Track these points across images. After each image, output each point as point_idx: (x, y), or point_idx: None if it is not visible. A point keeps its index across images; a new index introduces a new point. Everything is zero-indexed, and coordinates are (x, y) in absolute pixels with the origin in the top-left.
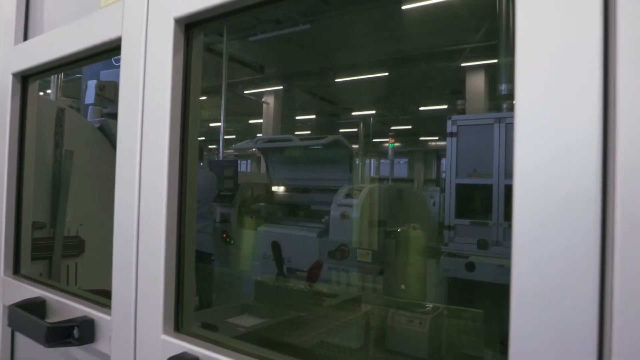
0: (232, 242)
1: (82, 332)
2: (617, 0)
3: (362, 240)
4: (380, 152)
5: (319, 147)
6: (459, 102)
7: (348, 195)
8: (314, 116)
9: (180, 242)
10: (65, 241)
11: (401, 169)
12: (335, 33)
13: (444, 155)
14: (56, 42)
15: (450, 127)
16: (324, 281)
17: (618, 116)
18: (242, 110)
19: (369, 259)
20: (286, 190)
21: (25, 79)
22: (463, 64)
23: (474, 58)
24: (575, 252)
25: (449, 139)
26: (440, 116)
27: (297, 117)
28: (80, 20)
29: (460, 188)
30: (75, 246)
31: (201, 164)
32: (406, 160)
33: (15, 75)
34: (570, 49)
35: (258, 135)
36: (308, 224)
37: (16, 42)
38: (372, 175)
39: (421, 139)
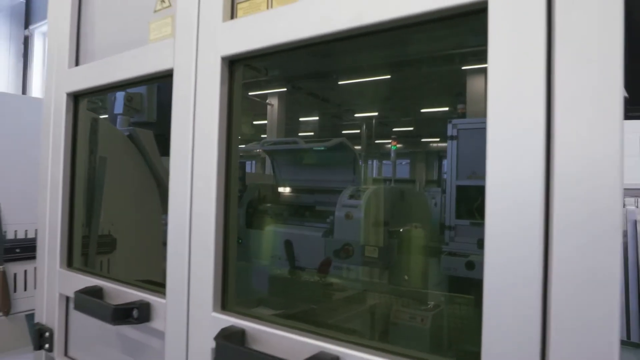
0: (240, 241)
1: (140, 312)
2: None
3: (369, 238)
4: (382, 153)
5: (324, 149)
6: (460, 106)
7: (352, 196)
8: (317, 118)
9: (226, 236)
10: (99, 239)
11: (403, 169)
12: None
13: (445, 157)
14: (110, 68)
15: (450, 131)
16: (333, 276)
17: (556, 145)
18: (247, 112)
19: (376, 254)
20: (292, 191)
21: (77, 98)
22: (464, 67)
23: (474, 61)
24: (523, 243)
25: (449, 142)
26: (442, 118)
27: (301, 119)
28: (132, 51)
29: (460, 190)
30: (108, 244)
31: None
32: (408, 161)
33: (69, 94)
34: (523, 95)
35: (262, 136)
36: (313, 224)
37: (69, 66)
38: (374, 176)
39: (423, 140)
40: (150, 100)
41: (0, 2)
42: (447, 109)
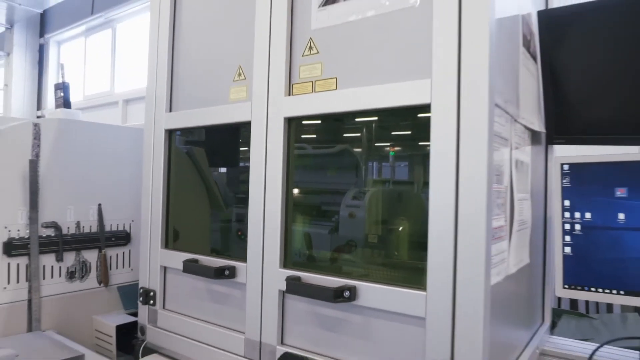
0: (243, 237)
1: (230, 272)
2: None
3: (370, 230)
4: (381, 156)
5: (329, 154)
6: None
7: (355, 197)
8: (319, 121)
9: (287, 221)
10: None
11: (402, 171)
12: None
13: None
14: (202, 115)
15: None
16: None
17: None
18: None
19: (376, 240)
20: (299, 193)
21: (171, 132)
22: None
23: None
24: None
25: None
26: None
27: (304, 122)
28: (221, 106)
29: None
30: (174, 235)
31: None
32: (406, 163)
33: (166, 130)
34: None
35: None
36: (320, 222)
37: (166, 110)
38: (374, 178)
39: (420, 143)
40: None
41: (17, 12)
42: None
